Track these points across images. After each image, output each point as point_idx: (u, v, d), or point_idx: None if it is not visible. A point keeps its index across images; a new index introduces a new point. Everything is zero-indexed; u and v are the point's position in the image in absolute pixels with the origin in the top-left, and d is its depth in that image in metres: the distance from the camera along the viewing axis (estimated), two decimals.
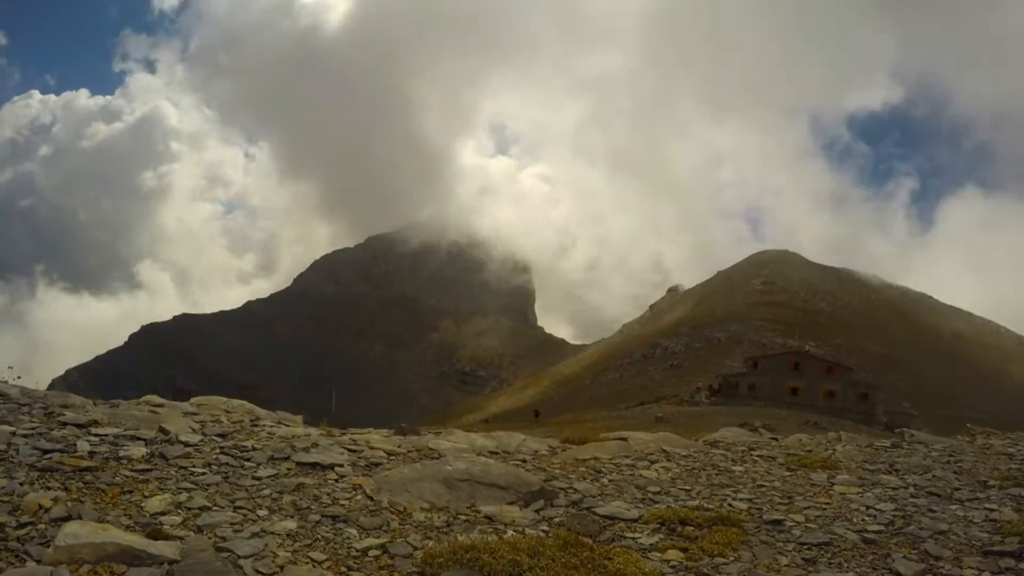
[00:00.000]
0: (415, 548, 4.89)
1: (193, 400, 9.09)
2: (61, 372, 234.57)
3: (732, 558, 5.16)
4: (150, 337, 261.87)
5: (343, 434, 8.41)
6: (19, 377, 9.37)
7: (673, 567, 4.96)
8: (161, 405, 8.16)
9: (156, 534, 4.42)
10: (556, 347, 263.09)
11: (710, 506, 6.58)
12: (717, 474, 8.10)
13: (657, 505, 6.55)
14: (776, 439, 11.29)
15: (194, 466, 5.95)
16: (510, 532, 5.44)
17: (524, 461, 8.05)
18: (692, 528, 5.78)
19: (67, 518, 4.44)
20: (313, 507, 5.44)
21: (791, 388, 72.64)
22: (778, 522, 6.09)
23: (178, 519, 4.77)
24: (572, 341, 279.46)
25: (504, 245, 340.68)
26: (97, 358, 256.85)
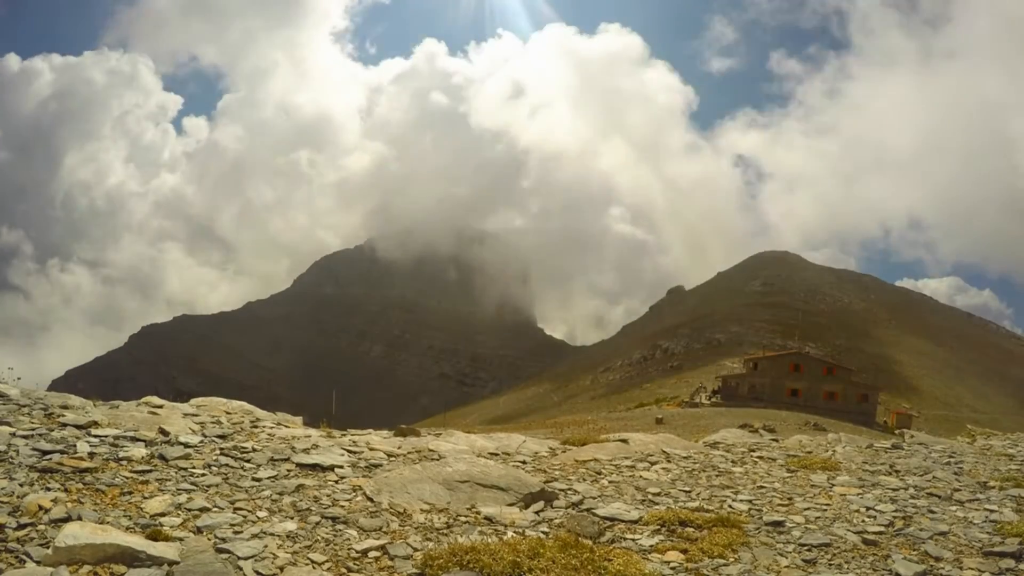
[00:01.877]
0: (415, 549, 4.89)
1: (193, 401, 9.08)
2: (61, 373, 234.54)
3: (732, 559, 5.15)
4: (150, 338, 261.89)
5: (343, 435, 8.41)
6: (19, 378, 9.36)
7: (673, 568, 4.96)
8: (161, 406, 8.16)
9: (156, 535, 4.41)
10: (556, 348, 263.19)
11: (710, 507, 6.58)
12: (717, 475, 8.10)
13: (657, 506, 6.55)
14: (776, 440, 11.29)
15: (194, 467, 5.95)
16: (510, 533, 5.43)
17: (524, 462, 8.06)
18: (692, 529, 5.78)
19: (67, 519, 4.44)
20: (313, 508, 5.44)
21: (791, 389, 72.54)
22: (778, 523, 6.08)
23: (178, 520, 4.77)
24: (571, 342, 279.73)
25: (505, 246, 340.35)
26: (97, 359, 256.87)
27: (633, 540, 5.53)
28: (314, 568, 4.41)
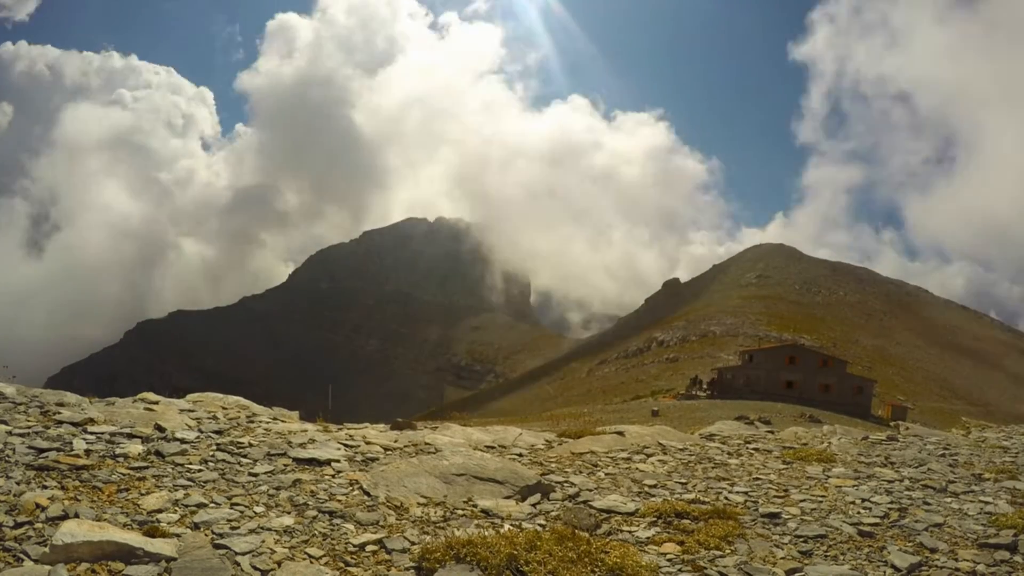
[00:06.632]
0: (412, 543, 4.89)
1: (189, 397, 9.06)
2: (57, 370, 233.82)
3: (728, 551, 5.17)
4: (146, 334, 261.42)
5: (339, 429, 8.42)
6: (14, 377, 9.33)
7: (669, 560, 4.97)
8: (157, 402, 8.14)
9: (153, 532, 4.41)
10: (552, 341, 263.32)
11: (706, 499, 6.60)
12: (713, 467, 8.13)
13: (653, 498, 6.57)
14: (772, 432, 11.35)
15: (190, 463, 5.94)
16: (507, 526, 5.44)
17: (520, 455, 8.07)
18: (688, 521, 5.80)
19: (64, 517, 4.43)
20: (310, 503, 5.44)
21: (787, 381, 72.82)
22: (774, 515, 6.11)
23: (175, 516, 4.76)
24: (568, 335, 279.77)
25: (502, 240, 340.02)
26: (92, 355, 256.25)
27: (630, 532, 5.55)
28: (311, 563, 4.41)
